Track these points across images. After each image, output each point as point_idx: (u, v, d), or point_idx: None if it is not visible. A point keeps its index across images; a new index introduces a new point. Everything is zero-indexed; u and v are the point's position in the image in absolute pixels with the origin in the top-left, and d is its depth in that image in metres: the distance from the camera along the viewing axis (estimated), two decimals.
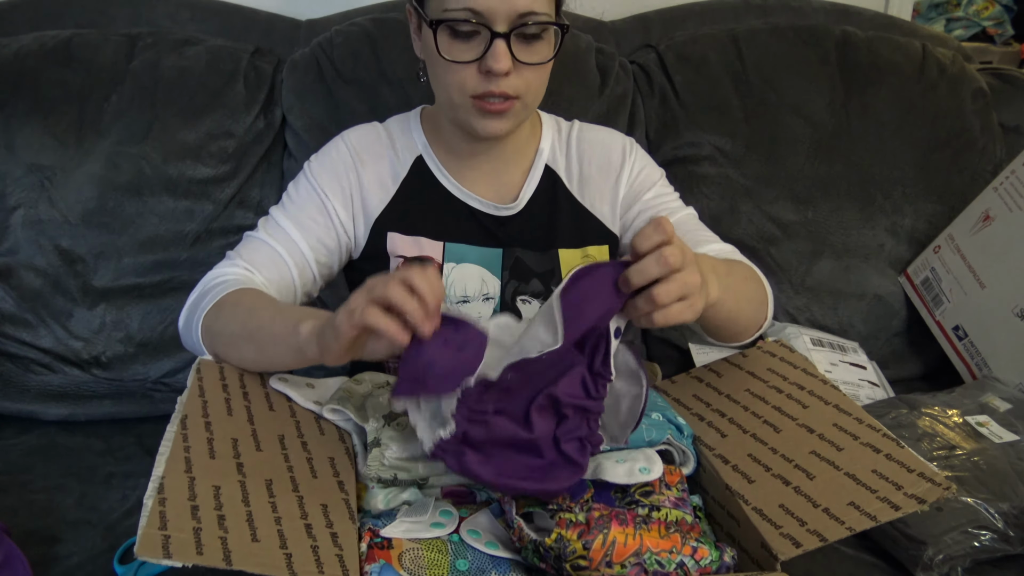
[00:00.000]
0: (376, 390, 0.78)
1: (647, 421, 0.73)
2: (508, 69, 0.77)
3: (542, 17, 0.76)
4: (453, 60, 0.78)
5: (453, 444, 0.62)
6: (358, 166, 0.90)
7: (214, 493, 0.57)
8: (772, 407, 0.77)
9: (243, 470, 0.62)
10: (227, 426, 0.66)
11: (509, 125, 0.83)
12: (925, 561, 0.82)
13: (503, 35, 0.76)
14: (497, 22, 0.75)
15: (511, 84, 0.79)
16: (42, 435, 1.09)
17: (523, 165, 0.94)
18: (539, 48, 0.79)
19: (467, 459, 0.62)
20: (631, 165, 0.95)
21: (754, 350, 0.86)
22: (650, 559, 0.61)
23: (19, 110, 1.13)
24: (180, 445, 0.61)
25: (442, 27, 0.77)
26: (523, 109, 0.83)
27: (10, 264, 1.12)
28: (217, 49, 1.22)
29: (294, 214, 0.89)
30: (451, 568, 0.62)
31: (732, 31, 1.35)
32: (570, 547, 0.60)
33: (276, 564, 0.53)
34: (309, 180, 0.90)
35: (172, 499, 0.55)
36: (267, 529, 0.56)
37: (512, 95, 0.80)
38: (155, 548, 0.50)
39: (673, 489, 0.69)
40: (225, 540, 0.53)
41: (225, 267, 0.85)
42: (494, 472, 0.63)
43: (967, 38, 3.08)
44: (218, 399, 0.70)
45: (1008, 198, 1.19)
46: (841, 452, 0.69)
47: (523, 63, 0.78)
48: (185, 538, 0.52)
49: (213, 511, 0.56)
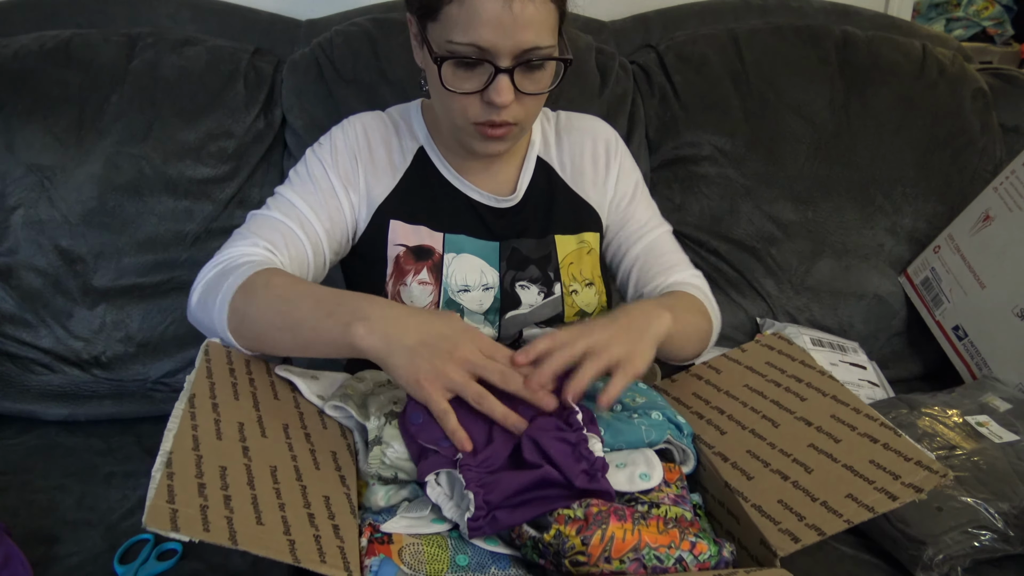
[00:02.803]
0: (377, 388, 0.78)
1: (647, 421, 0.73)
2: (510, 103, 0.78)
3: (545, 51, 0.77)
4: (456, 91, 0.78)
5: (483, 515, 0.62)
6: (365, 151, 0.90)
7: (220, 473, 0.58)
8: (770, 401, 0.77)
9: (248, 454, 0.62)
10: (234, 410, 0.67)
11: (508, 145, 0.85)
12: (925, 561, 0.82)
13: (506, 70, 0.76)
14: (501, 58, 0.75)
15: (512, 113, 0.80)
16: (42, 435, 1.09)
17: (516, 158, 0.95)
18: (540, 77, 0.80)
19: (500, 521, 0.63)
20: (618, 166, 0.97)
21: (753, 344, 0.86)
22: (649, 554, 0.61)
23: (19, 110, 1.13)
24: (188, 422, 0.61)
25: (447, 61, 0.77)
26: (520, 132, 0.85)
27: (10, 264, 1.12)
28: (217, 49, 1.22)
29: (305, 194, 0.87)
30: (451, 563, 0.62)
31: (732, 31, 1.35)
32: (568, 543, 0.60)
33: (280, 549, 0.53)
34: (319, 160, 0.89)
35: (180, 474, 0.55)
36: (271, 514, 0.56)
37: (512, 123, 0.81)
38: (163, 520, 0.50)
39: (672, 487, 0.69)
40: (231, 520, 0.53)
41: (245, 247, 0.81)
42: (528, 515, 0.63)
43: (967, 38, 3.08)
44: (225, 382, 0.70)
45: (1008, 198, 1.19)
46: (839, 444, 0.69)
47: (524, 94, 0.79)
48: (192, 513, 0.52)
49: (219, 491, 0.56)
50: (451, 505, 0.64)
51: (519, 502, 0.63)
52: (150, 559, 0.83)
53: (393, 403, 0.72)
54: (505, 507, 0.62)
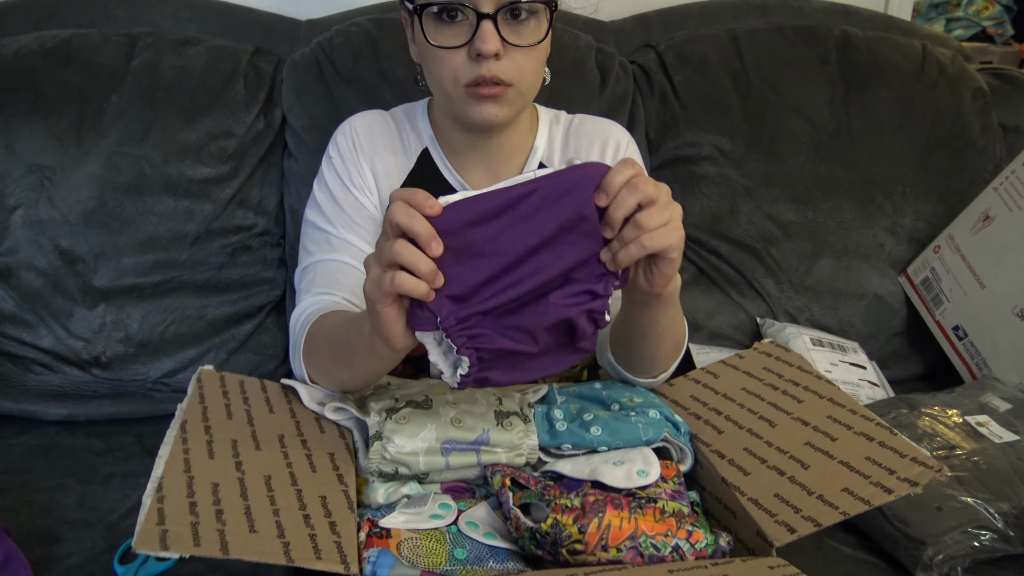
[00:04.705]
0: (376, 389, 0.78)
1: (644, 420, 0.73)
2: (497, 50, 0.76)
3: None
4: (441, 46, 0.77)
5: (473, 374, 0.61)
6: (368, 148, 0.91)
7: (212, 490, 0.58)
8: (767, 403, 0.78)
9: (242, 468, 0.62)
10: (227, 429, 0.67)
11: (505, 112, 0.82)
12: (925, 561, 0.82)
13: (490, 16, 0.75)
14: (482, 3, 0.74)
15: (502, 68, 0.77)
16: (42, 435, 1.09)
17: (517, 162, 0.94)
18: (529, 29, 0.78)
19: (490, 379, 0.62)
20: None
21: (751, 351, 0.86)
22: (645, 542, 0.61)
23: (19, 110, 1.13)
24: (180, 448, 0.62)
25: (427, 11, 0.76)
26: (518, 96, 0.81)
27: (10, 264, 1.12)
28: (217, 49, 1.22)
29: (340, 218, 0.88)
30: (449, 557, 0.62)
31: (732, 31, 1.35)
32: (566, 531, 0.61)
33: (273, 552, 0.54)
34: (336, 174, 0.90)
35: (170, 497, 0.55)
36: (265, 521, 0.57)
37: (504, 80, 0.78)
38: (152, 542, 0.50)
39: (670, 483, 0.69)
40: (223, 532, 0.54)
41: (303, 302, 0.85)
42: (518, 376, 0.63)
43: (967, 38, 3.08)
44: (218, 404, 0.71)
45: (1008, 198, 1.19)
46: (835, 442, 0.70)
47: (512, 45, 0.77)
48: (182, 531, 0.52)
49: (211, 506, 0.56)
50: (444, 363, 0.63)
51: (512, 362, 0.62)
52: (150, 559, 0.83)
53: (393, 400, 0.72)
54: (496, 367, 0.62)
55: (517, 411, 0.73)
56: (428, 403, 0.72)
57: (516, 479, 0.69)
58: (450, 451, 0.69)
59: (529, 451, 0.71)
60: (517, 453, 0.71)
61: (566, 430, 0.72)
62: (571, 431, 0.72)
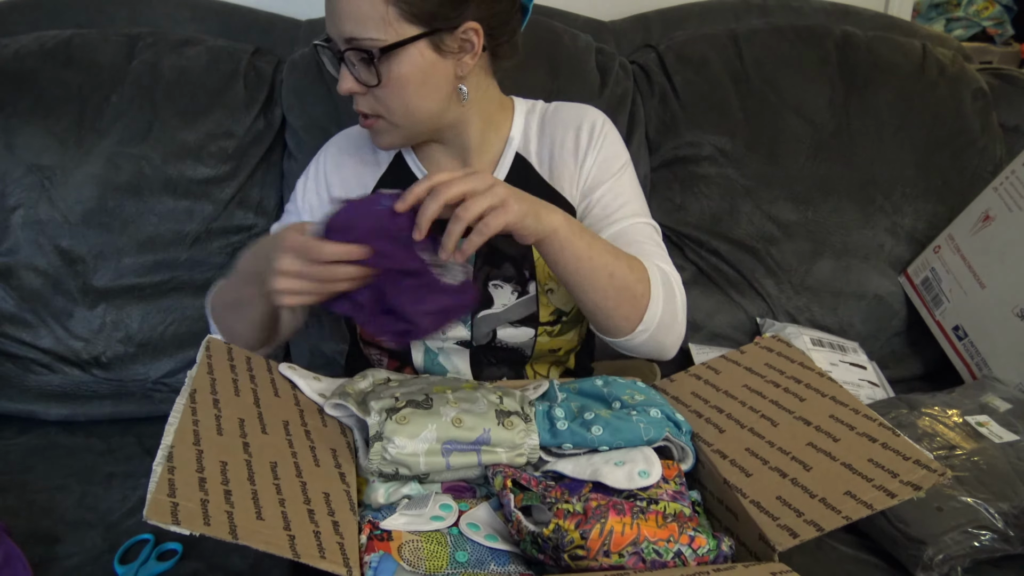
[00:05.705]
0: (377, 387, 0.78)
1: (645, 419, 0.73)
2: (348, 89, 0.81)
3: (365, 43, 0.78)
4: (335, 76, 0.83)
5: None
6: (335, 181, 0.96)
7: (221, 468, 0.58)
8: (769, 401, 0.77)
9: (249, 450, 0.62)
10: (234, 406, 0.67)
11: (388, 139, 0.87)
12: (925, 561, 0.82)
13: (340, 58, 0.80)
14: (339, 44, 0.80)
15: (364, 103, 0.83)
16: (42, 435, 1.09)
17: (491, 154, 0.93)
18: (368, 72, 0.80)
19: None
20: (597, 151, 0.92)
21: (752, 346, 0.86)
22: (647, 548, 0.61)
23: (19, 110, 1.13)
24: (189, 417, 0.62)
25: (319, 50, 0.84)
26: (391, 127, 0.86)
27: (10, 264, 1.12)
28: (217, 49, 1.22)
29: (286, 222, 0.96)
30: (450, 560, 0.62)
31: (732, 31, 1.35)
32: (568, 537, 0.61)
33: (280, 544, 0.54)
34: (297, 194, 0.98)
35: (180, 468, 0.56)
36: (272, 509, 0.57)
37: (369, 113, 0.84)
38: (164, 514, 0.51)
39: (671, 483, 0.69)
40: (231, 515, 0.54)
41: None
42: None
43: (967, 38, 3.08)
44: (226, 378, 0.71)
45: (1008, 198, 1.19)
46: (837, 443, 0.69)
47: (365, 84, 0.81)
48: (193, 508, 0.52)
49: (220, 485, 0.56)
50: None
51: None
52: (150, 559, 0.83)
53: (394, 399, 0.72)
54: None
55: (518, 410, 0.73)
56: (428, 402, 0.72)
57: (517, 480, 0.69)
58: (451, 452, 0.69)
59: (530, 451, 0.71)
60: (518, 453, 0.70)
61: (567, 429, 0.72)
62: (572, 430, 0.71)
